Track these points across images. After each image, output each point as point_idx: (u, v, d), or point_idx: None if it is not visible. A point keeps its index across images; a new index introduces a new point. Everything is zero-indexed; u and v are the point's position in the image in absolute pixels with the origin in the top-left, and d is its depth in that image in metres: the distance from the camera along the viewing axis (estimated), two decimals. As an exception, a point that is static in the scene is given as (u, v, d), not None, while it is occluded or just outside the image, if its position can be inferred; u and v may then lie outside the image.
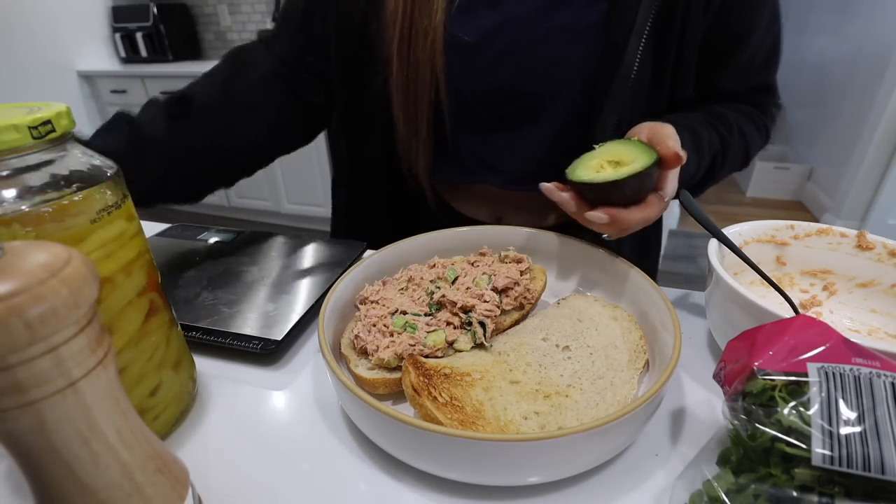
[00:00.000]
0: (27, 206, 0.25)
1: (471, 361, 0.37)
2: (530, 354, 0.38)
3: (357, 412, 0.32)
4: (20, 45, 2.46)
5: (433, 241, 0.50)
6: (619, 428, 0.28)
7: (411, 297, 0.42)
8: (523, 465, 0.29)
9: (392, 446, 0.31)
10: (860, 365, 0.24)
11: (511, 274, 0.43)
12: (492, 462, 0.28)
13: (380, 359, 0.36)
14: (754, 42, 0.55)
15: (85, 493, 0.21)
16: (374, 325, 0.39)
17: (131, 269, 0.31)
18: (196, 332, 0.43)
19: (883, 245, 0.44)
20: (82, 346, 0.20)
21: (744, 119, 0.58)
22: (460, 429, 0.30)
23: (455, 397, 0.33)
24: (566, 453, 0.28)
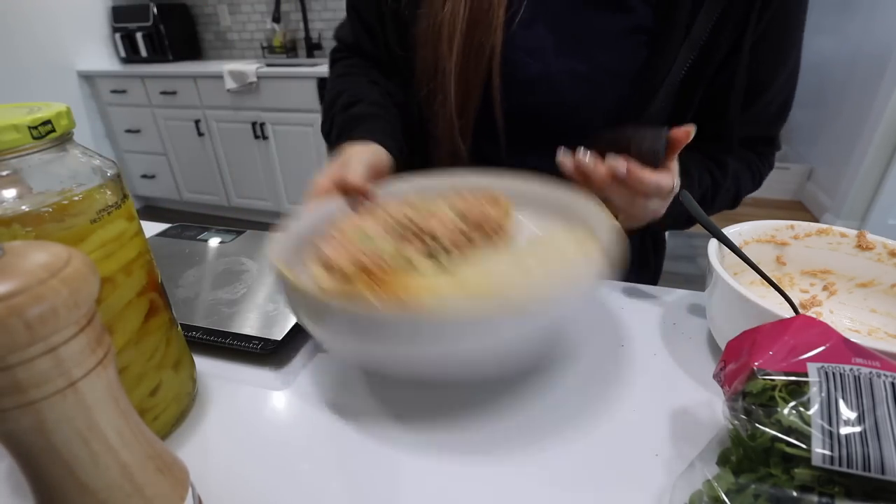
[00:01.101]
0: (27, 206, 0.25)
1: (428, 281, 0.36)
2: (479, 268, 0.38)
3: (302, 308, 0.33)
4: (20, 45, 2.46)
5: (414, 185, 0.49)
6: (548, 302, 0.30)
7: (381, 223, 0.42)
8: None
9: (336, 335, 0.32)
10: (860, 365, 0.24)
11: (482, 209, 0.43)
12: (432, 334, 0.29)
13: (337, 266, 0.36)
14: (771, 94, 0.55)
15: (85, 493, 0.21)
16: (339, 242, 0.39)
17: (131, 269, 0.31)
18: (196, 332, 0.43)
19: (883, 245, 0.44)
20: (82, 346, 0.20)
21: (741, 166, 0.58)
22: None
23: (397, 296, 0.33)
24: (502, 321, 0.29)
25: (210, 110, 2.60)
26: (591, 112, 0.54)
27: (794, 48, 0.53)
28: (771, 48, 0.52)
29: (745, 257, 0.40)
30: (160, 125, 2.76)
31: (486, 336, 0.30)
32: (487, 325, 0.29)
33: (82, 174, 0.28)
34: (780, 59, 0.53)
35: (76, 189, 0.27)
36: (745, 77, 0.52)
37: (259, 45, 2.93)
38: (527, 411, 0.37)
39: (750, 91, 0.54)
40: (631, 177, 0.39)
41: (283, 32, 2.78)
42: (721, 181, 0.56)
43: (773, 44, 0.51)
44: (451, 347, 0.30)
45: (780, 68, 0.54)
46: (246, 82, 2.39)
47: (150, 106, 2.72)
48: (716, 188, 0.56)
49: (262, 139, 2.53)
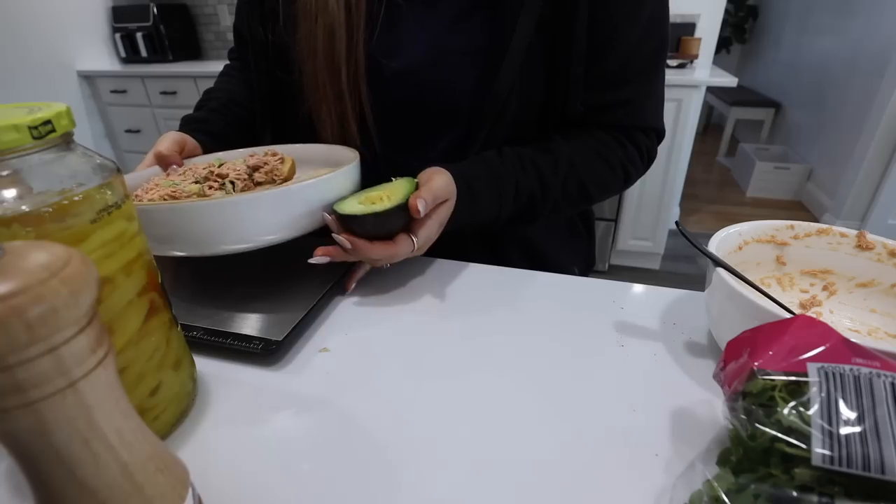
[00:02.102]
0: (27, 207, 0.25)
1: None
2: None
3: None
4: (20, 45, 2.46)
5: (220, 155, 0.62)
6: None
7: (180, 175, 0.53)
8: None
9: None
10: (860, 365, 0.24)
11: (265, 160, 0.54)
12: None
13: (148, 200, 0.45)
14: (619, 53, 0.53)
15: (85, 493, 0.21)
16: (149, 189, 0.49)
17: (132, 269, 0.31)
18: (196, 332, 0.43)
19: (883, 245, 0.44)
20: (82, 346, 0.20)
21: (585, 155, 0.57)
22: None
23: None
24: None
25: (210, 110, 2.60)
26: (453, 96, 0.56)
27: (643, 5, 0.52)
28: (614, 4, 0.50)
29: (735, 272, 0.40)
30: (160, 125, 2.76)
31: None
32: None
33: (83, 174, 0.28)
34: (625, 14, 0.51)
35: (76, 189, 0.27)
36: (584, 40, 0.51)
37: (259, 45, 2.93)
38: (527, 412, 0.37)
39: (594, 51, 0.52)
40: (357, 249, 0.45)
41: (283, 32, 2.77)
42: (551, 177, 0.55)
43: (613, 3, 0.50)
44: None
45: (628, 23, 0.52)
46: (246, 82, 2.39)
47: (150, 106, 2.72)
48: (544, 188, 0.55)
49: (262, 139, 2.53)
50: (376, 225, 0.45)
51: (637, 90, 0.56)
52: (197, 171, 0.52)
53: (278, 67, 0.60)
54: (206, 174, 0.51)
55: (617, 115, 0.57)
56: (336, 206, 0.46)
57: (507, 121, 0.55)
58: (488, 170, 0.53)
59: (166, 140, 0.58)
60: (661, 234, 2.14)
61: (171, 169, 0.56)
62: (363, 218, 0.44)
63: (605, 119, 0.57)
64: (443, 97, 0.56)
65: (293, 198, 0.43)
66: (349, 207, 0.45)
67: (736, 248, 0.46)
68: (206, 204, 0.41)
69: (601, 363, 0.42)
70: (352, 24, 0.53)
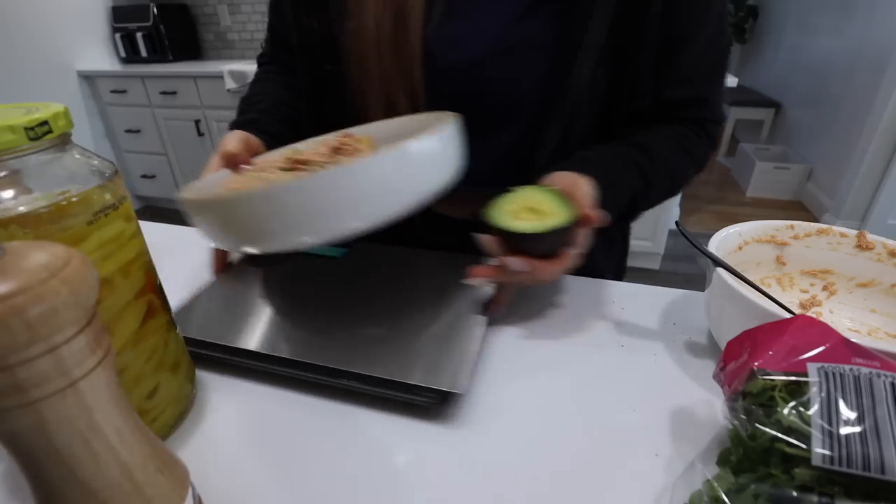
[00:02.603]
0: (25, 208, 0.25)
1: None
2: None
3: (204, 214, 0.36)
4: (20, 45, 2.46)
5: (281, 153, 0.54)
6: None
7: (260, 168, 0.49)
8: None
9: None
10: (860, 365, 0.24)
11: (342, 141, 0.50)
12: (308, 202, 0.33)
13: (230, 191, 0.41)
14: (696, 49, 0.53)
15: (85, 492, 0.21)
16: (229, 187, 0.45)
17: (129, 271, 0.31)
18: (347, 379, 0.37)
19: (883, 245, 0.44)
20: (82, 346, 0.20)
21: (673, 148, 0.57)
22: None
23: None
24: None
25: (210, 110, 2.60)
26: (517, 90, 0.54)
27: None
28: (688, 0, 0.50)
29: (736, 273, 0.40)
30: (160, 125, 2.76)
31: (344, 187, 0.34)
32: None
33: (80, 175, 0.28)
34: (701, 10, 0.51)
35: (74, 190, 0.27)
36: (658, 36, 0.51)
37: (259, 46, 2.93)
38: (526, 412, 0.37)
39: (671, 48, 0.52)
40: (533, 271, 0.41)
41: (283, 32, 2.77)
42: (650, 172, 0.54)
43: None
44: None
45: (703, 20, 0.52)
46: (246, 82, 2.39)
47: (150, 106, 2.72)
48: (646, 186, 0.54)
49: (262, 139, 2.53)
50: (555, 242, 0.41)
51: (711, 87, 0.58)
52: (273, 164, 0.48)
53: (326, 58, 0.58)
54: (287, 165, 0.47)
55: (692, 110, 0.58)
56: (502, 223, 0.41)
57: (576, 116, 0.54)
58: (605, 172, 0.50)
59: (232, 139, 0.54)
60: (661, 234, 2.14)
61: (242, 169, 0.52)
62: (546, 236, 0.40)
63: (680, 114, 0.58)
64: (507, 92, 0.54)
65: (414, 157, 0.36)
66: (527, 225, 0.40)
67: (736, 248, 0.46)
68: (336, 171, 0.34)
69: (601, 363, 0.42)
70: (407, 11, 0.51)
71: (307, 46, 0.60)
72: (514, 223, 0.41)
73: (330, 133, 0.56)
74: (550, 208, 0.42)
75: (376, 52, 0.53)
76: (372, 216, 0.35)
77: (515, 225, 0.41)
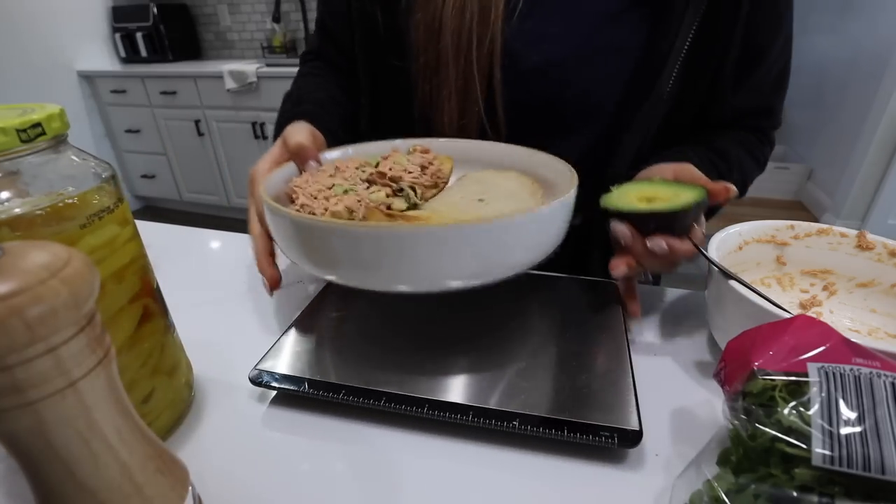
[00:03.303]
0: (18, 210, 0.25)
1: (414, 214, 0.39)
2: (455, 207, 0.42)
3: (308, 241, 0.34)
4: (20, 45, 2.46)
5: (349, 152, 0.51)
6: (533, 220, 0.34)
7: (343, 177, 0.44)
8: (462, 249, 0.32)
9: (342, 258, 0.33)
10: (860, 365, 0.24)
11: (426, 158, 0.48)
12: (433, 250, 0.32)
13: (332, 212, 0.37)
14: (769, 61, 0.55)
15: (84, 492, 0.21)
16: (315, 196, 0.40)
17: (123, 276, 0.30)
18: (517, 423, 0.33)
19: (883, 245, 0.44)
20: (82, 346, 0.19)
21: (744, 153, 0.58)
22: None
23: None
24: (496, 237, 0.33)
25: (210, 110, 2.60)
26: (599, 94, 0.54)
27: (789, 10, 0.53)
28: (767, 11, 0.51)
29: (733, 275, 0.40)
30: (160, 125, 2.77)
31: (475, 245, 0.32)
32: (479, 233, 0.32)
33: (76, 177, 0.28)
34: (776, 23, 0.53)
35: (69, 192, 0.27)
36: (739, 45, 0.51)
37: (259, 45, 2.93)
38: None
39: (749, 59, 0.53)
40: (672, 251, 0.39)
41: (283, 32, 2.78)
42: (727, 176, 0.54)
43: (769, 6, 0.51)
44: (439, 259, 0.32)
45: (777, 32, 0.53)
46: (246, 82, 2.39)
47: (150, 106, 2.72)
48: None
49: (262, 139, 2.53)
50: (693, 218, 0.39)
51: (777, 98, 0.60)
52: (352, 171, 0.45)
53: (392, 53, 0.54)
54: (371, 176, 0.44)
55: (759, 119, 0.60)
56: (633, 208, 0.40)
57: (655, 123, 0.54)
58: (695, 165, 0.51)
59: (302, 131, 0.47)
60: (661, 234, 2.13)
61: (308, 167, 0.46)
62: (685, 213, 0.38)
63: (749, 122, 0.59)
64: (585, 96, 0.53)
65: (562, 212, 0.35)
66: (665, 205, 0.39)
67: (736, 248, 0.46)
68: (517, 220, 0.32)
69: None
70: (489, 6, 0.49)
71: (370, 39, 0.56)
72: (648, 205, 0.40)
73: (396, 139, 0.52)
74: (666, 194, 0.41)
75: (453, 50, 0.50)
76: (513, 269, 0.35)
77: (651, 206, 0.39)
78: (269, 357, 0.39)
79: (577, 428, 0.32)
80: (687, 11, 0.48)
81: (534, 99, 0.53)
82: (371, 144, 0.52)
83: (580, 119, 0.55)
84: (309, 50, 0.69)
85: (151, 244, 0.35)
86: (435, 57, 0.51)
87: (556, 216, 0.35)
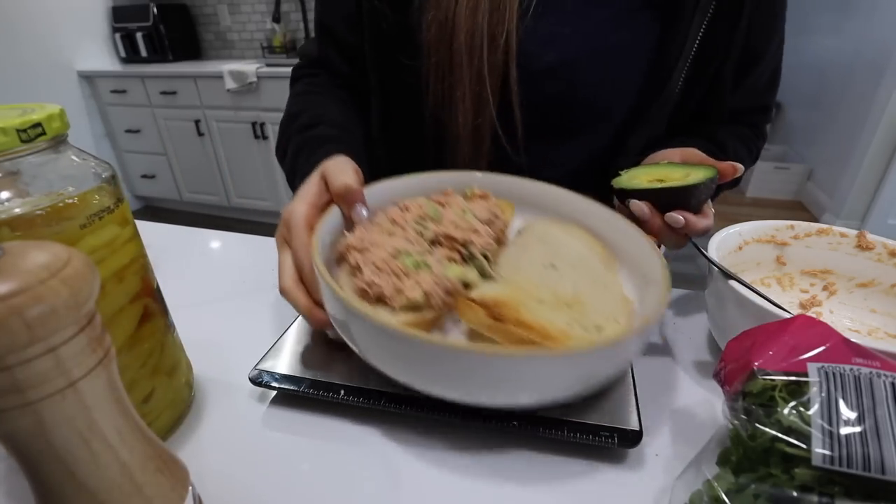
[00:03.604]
0: (18, 210, 0.25)
1: (493, 291, 0.35)
2: (531, 277, 0.38)
3: (409, 355, 0.30)
4: (20, 45, 2.46)
5: (393, 188, 0.46)
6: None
7: (405, 238, 0.39)
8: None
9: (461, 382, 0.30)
10: (860, 365, 0.24)
11: (489, 208, 0.43)
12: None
13: (409, 299, 0.34)
14: (765, 62, 0.56)
15: (85, 492, 0.21)
16: (381, 269, 0.35)
17: (124, 276, 0.30)
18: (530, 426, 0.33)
19: (883, 245, 0.44)
20: (82, 346, 0.19)
21: (740, 145, 0.59)
22: (551, 344, 0.30)
23: (519, 320, 0.32)
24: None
25: (210, 110, 2.60)
26: (610, 95, 0.54)
27: (783, 12, 0.56)
28: (765, 14, 0.53)
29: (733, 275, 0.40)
30: (160, 125, 2.76)
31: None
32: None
33: (76, 177, 0.28)
34: (773, 25, 0.55)
35: (69, 192, 0.27)
36: (740, 45, 0.53)
37: (259, 45, 2.93)
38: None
39: (748, 60, 0.55)
40: (688, 225, 0.41)
41: (283, 32, 2.78)
42: None
43: (766, 9, 0.53)
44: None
45: (773, 34, 0.55)
46: (246, 82, 2.39)
47: (150, 106, 2.72)
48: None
49: (262, 139, 2.53)
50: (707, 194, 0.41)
51: (771, 97, 0.62)
52: (412, 229, 0.40)
53: (402, 51, 0.53)
54: (435, 238, 0.39)
55: (755, 116, 0.63)
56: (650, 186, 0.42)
57: (665, 121, 0.56)
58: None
59: (347, 169, 0.41)
60: (661, 234, 2.13)
61: (356, 213, 0.40)
62: (698, 188, 0.40)
63: (746, 119, 0.61)
64: (600, 94, 0.54)
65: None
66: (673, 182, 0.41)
67: (736, 248, 0.46)
68: (632, 339, 0.30)
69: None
70: (503, 4, 0.48)
71: (379, 37, 0.55)
72: (664, 183, 0.41)
73: (440, 172, 0.48)
74: (677, 174, 0.42)
75: (467, 50, 0.49)
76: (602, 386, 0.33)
77: (668, 183, 0.41)
78: (269, 357, 0.39)
79: (577, 428, 0.33)
80: (696, 12, 0.50)
81: (546, 99, 0.54)
82: (415, 178, 0.47)
83: (591, 119, 0.56)
84: (302, 64, 0.65)
85: (151, 244, 0.35)
86: (448, 57, 0.50)
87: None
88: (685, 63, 0.51)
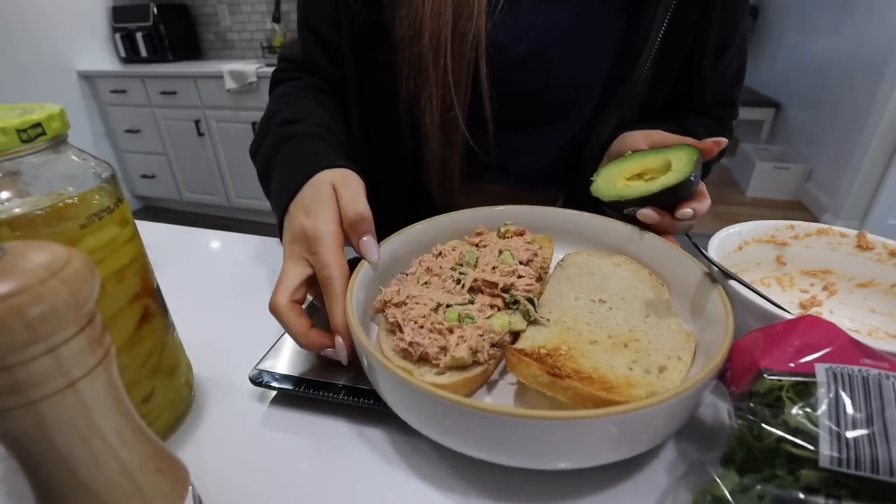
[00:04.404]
0: (18, 210, 0.25)
1: (543, 337, 0.34)
2: (581, 316, 0.37)
3: (460, 422, 0.28)
4: (20, 45, 2.45)
5: (426, 231, 0.45)
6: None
7: (443, 289, 0.38)
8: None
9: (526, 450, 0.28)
10: (869, 366, 0.24)
11: (528, 246, 0.42)
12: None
13: (455, 358, 0.32)
14: (730, 55, 0.58)
15: (85, 493, 0.21)
16: (422, 326, 0.34)
17: (123, 276, 0.30)
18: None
19: (883, 245, 0.44)
20: (82, 346, 0.19)
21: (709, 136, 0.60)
22: (615, 397, 0.28)
23: (576, 371, 0.31)
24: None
25: (210, 110, 2.60)
26: (580, 84, 0.56)
27: (745, 9, 0.58)
28: (730, 8, 0.54)
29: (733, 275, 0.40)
30: (160, 125, 2.76)
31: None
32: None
33: (76, 177, 0.27)
34: (738, 16, 0.56)
35: (69, 192, 0.27)
36: (716, 34, 0.54)
37: (259, 45, 2.93)
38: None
39: (714, 54, 0.57)
40: (697, 214, 0.43)
41: (283, 32, 2.77)
42: None
43: (730, 4, 0.54)
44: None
45: (736, 28, 0.57)
46: (246, 82, 2.39)
47: (150, 106, 2.72)
48: None
49: (261, 139, 2.53)
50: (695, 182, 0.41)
51: (736, 89, 0.64)
52: (449, 276, 0.39)
53: (378, 48, 0.54)
54: (475, 285, 0.38)
55: (721, 109, 0.64)
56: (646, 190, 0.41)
57: (635, 108, 0.56)
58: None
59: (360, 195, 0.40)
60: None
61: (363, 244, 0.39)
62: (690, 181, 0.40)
63: (713, 112, 0.63)
64: (571, 84, 0.56)
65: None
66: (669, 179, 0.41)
67: (736, 248, 0.46)
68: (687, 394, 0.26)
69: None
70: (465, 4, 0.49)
71: (355, 34, 0.55)
72: (663, 180, 0.41)
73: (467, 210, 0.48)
74: (654, 163, 0.42)
75: (432, 53, 0.50)
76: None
77: (664, 181, 0.41)
78: (269, 357, 0.39)
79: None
80: (660, 5, 0.51)
81: (517, 91, 0.55)
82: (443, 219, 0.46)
83: (562, 108, 0.57)
84: (284, 67, 0.64)
85: (151, 244, 0.35)
86: (417, 56, 0.51)
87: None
88: (650, 51, 0.53)
